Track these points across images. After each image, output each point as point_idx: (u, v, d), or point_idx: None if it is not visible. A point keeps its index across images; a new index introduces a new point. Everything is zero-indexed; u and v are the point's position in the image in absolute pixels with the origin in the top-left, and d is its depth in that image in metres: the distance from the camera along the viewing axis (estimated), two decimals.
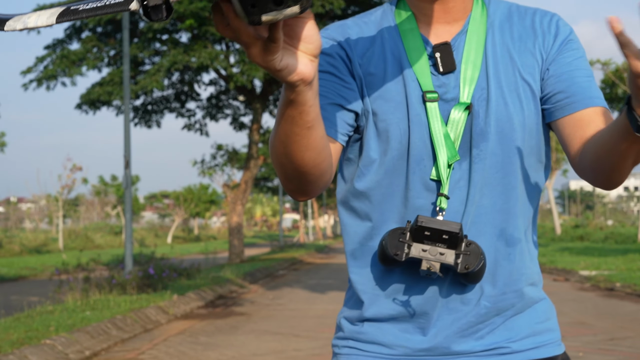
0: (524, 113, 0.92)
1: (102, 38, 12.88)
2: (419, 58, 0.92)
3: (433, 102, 0.90)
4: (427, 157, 0.90)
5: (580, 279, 10.35)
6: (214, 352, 4.87)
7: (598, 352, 4.65)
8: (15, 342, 4.55)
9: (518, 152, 0.91)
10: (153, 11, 0.67)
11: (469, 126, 0.91)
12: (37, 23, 0.71)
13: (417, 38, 0.93)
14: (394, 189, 0.92)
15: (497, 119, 0.91)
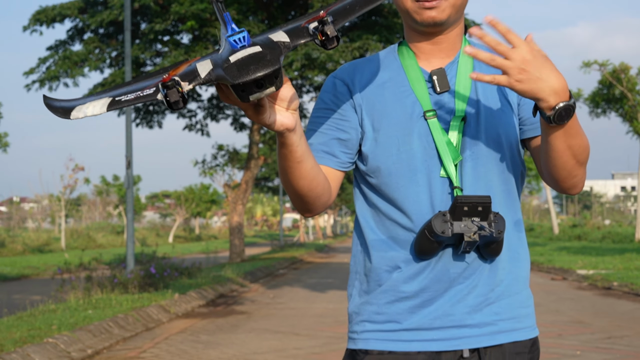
0: (507, 124, 1.16)
1: (104, 39, 12.92)
2: (419, 84, 1.16)
3: (432, 118, 1.14)
4: (430, 161, 1.14)
5: (578, 278, 10.36)
6: (214, 350, 4.89)
7: (595, 350, 4.67)
8: (18, 340, 4.57)
9: (502, 153, 1.16)
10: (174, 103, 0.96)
11: (464, 133, 1.15)
12: (94, 112, 0.97)
13: (416, 68, 1.17)
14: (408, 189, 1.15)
15: (486, 128, 1.15)
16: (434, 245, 1.11)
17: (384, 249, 1.16)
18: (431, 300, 1.14)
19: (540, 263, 13.23)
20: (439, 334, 1.14)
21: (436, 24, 1.14)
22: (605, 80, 17.02)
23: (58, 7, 12.52)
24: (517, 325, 1.18)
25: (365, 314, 1.18)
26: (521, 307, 1.20)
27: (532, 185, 31.35)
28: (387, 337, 1.16)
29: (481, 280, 1.15)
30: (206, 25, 11.60)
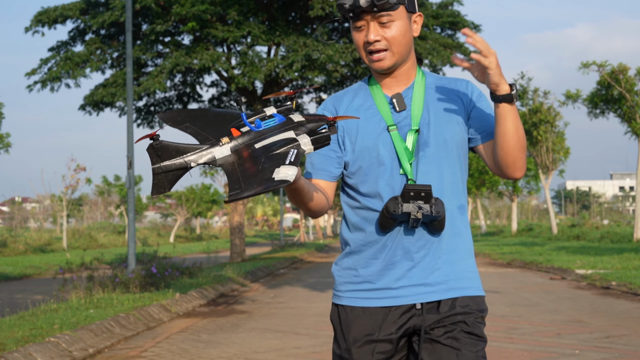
0: (452, 131, 1.56)
1: (106, 40, 12.94)
2: (383, 106, 1.57)
3: (394, 130, 1.55)
4: (394, 161, 1.55)
5: (576, 277, 10.35)
6: (215, 349, 4.89)
7: (594, 349, 4.67)
8: (20, 339, 4.58)
9: (448, 154, 1.55)
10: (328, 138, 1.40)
11: (418, 140, 1.55)
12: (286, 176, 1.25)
13: (381, 95, 1.59)
14: (378, 182, 1.55)
15: (434, 135, 1.55)
16: (389, 221, 1.50)
17: (359, 228, 1.57)
18: (392, 264, 1.53)
19: (539, 263, 13.22)
20: (401, 292, 1.52)
21: (385, 70, 1.56)
22: (604, 81, 17.02)
23: (60, 8, 12.55)
24: (463, 285, 1.54)
25: (347, 277, 1.58)
26: (466, 271, 1.57)
27: (531, 186, 31.33)
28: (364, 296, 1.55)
29: (430, 250, 1.53)
30: (207, 26, 11.62)
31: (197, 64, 11.40)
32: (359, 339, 1.53)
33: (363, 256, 1.56)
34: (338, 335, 1.58)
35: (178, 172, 1.27)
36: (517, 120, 1.46)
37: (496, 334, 5.29)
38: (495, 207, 57.83)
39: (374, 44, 1.51)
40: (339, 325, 1.58)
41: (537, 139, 23.25)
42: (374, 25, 1.51)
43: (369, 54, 1.53)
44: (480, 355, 1.50)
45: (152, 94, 13.58)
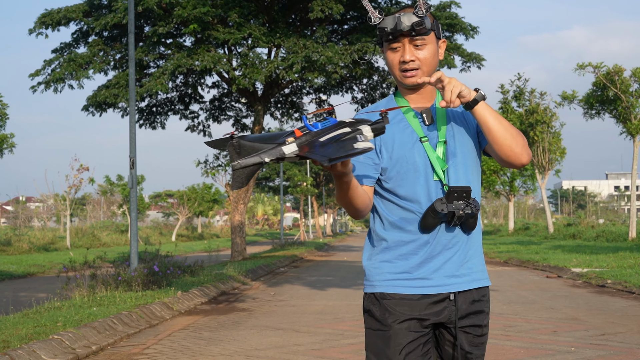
0: (471, 142, 1.80)
1: (108, 42, 13.00)
2: (413, 120, 1.78)
3: (426, 142, 1.76)
4: (427, 168, 1.75)
5: (572, 276, 10.39)
6: (216, 346, 4.92)
7: (590, 347, 4.71)
8: (24, 337, 4.60)
9: (471, 161, 1.79)
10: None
11: (446, 150, 1.76)
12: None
13: (411, 110, 1.80)
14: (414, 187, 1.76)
15: (460, 146, 1.78)
16: (435, 221, 1.70)
17: (398, 226, 1.75)
18: (431, 258, 1.73)
19: (535, 261, 13.25)
20: (437, 282, 1.73)
21: (415, 85, 1.76)
22: (599, 82, 17.06)
23: (63, 11, 12.62)
24: (482, 276, 1.79)
25: (385, 268, 1.75)
26: (482, 264, 1.80)
27: (528, 185, 31.34)
28: (403, 284, 1.73)
29: (461, 247, 1.75)
30: (208, 28, 11.67)
31: (198, 65, 11.47)
32: (401, 316, 1.71)
33: (402, 250, 1.74)
34: (376, 315, 1.74)
35: (254, 168, 1.44)
36: (495, 115, 1.67)
37: (493, 332, 5.34)
38: (493, 206, 57.74)
39: (409, 64, 1.72)
40: (377, 308, 1.74)
41: (534, 140, 23.27)
42: (409, 47, 1.73)
43: (402, 72, 1.74)
44: (484, 351, 1.80)
45: (154, 95, 13.65)
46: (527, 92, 23.92)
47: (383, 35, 1.72)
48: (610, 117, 17.42)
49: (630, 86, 16.79)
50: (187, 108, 15.36)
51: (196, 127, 15.75)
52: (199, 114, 15.75)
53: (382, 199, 1.78)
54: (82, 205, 39.29)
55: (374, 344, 1.74)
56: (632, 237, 17.67)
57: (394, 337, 1.70)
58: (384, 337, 1.72)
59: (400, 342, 1.70)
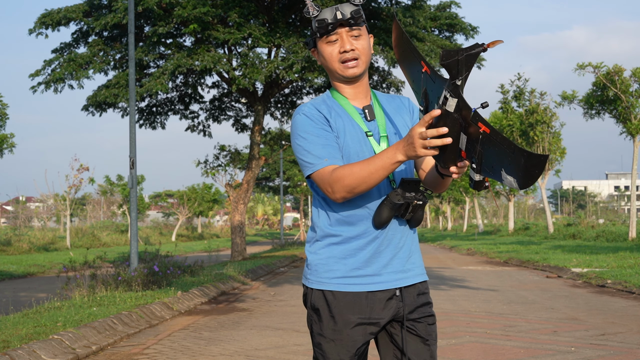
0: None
1: (108, 42, 13.01)
2: (355, 114, 1.79)
3: (370, 136, 1.77)
4: None
5: (572, 276, 10.41)
6: (216, 346, 4.92)
7: (590, 347, 4.71)
8: (24, 337, 4.60)
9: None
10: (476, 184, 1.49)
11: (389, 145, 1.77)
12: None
13: (351, 106, 1.81)
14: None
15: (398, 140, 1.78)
16: (390, 213, 1.70)
17: (347, 222, 1.73)
18: (379, 254, 1.74)
19: (535, 261, 13.27)
20: (386, 277, 1.74)
21: (356, 76, 1.77)
22: (599, 82, 17.07)
23: (63, 11, 12.63)
24: (422, 271, 1.83)
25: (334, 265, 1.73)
26: (421, 259, 1.85)
27: None
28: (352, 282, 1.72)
29: (406, 242, 1.78)
30: (208, 28, 11.68)
31: (198, 65, 11.47)
32: (352, 321, 1.70)
33: (350, 247, 1.73)
34: (325, 318, 1.72)
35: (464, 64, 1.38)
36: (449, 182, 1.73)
37: (493, 332, 5.35)
38: (492, 206, 57.78)
39: (350, 53, 1.73)
40: (326, 309, 1.72)
41: (534, 140, 23.29)
42: (347, 37, 1.74)
43: (343, 63, 1.74)
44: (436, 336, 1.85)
45: (154, 95, 13.66)
46: (527, 92, 23.93)
47: (322, 27, 1.71)
48: (610, 117, 17.44)
49: (630, 86, 16.80)
50: (187, 108, 15.37)
51: (196, 127, 15.76)
52: (199, 114, 15.76)
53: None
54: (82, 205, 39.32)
55: (321, 347, 1.73)
56: (632, 237, 17.68)
57: (344, 342, 1.70)
58: (335, 342, 1.71)
59: (350, 349, 1.70)
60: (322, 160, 1.69)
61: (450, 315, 6.29)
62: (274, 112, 16.33)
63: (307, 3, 1.72)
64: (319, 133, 1.72)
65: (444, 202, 48.11)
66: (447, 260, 16.33)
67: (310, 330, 1.77)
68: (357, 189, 1.64)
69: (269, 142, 17.51)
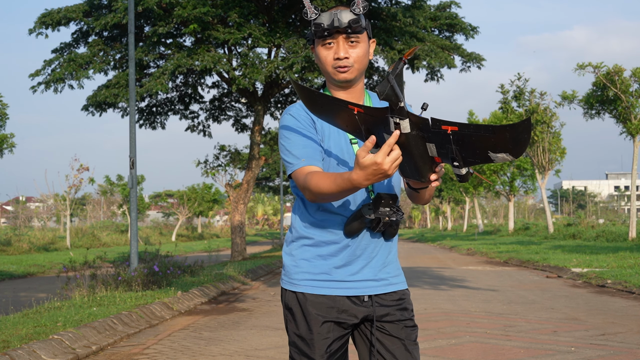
0: None
1: (108, 42, 13.02)
2: None
3: (355, 144, 1.75)
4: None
5: (572, 276, 10.41)
6: (216, 346, 4.92)
7: (590, 347, 4.71)
8: (24, 337, 4.60)
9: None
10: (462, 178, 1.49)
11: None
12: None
13: None
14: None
15: None
16: (361, 226, 1.70)
17: (322, 226, 1.74)
18: (350, 262, 1.75)
19: (535, 261, 13.27)
20: (355, 284, 1.75)
21: (347, 82, 1.75)
22: (599, 82, 17.08)
23: (63, 11, 12.64)
24: (399, 280, 1.83)
25: (305, 267, 1.76)
26: (399, 269, 1.85)
27: (528, 185, 31.38)
28: (321, 285, 1.75)
29: (380, 252, 1.78)
30: (208, 28, 11.68)
31: (198, 65, 11.48)
32: (320, 320, 1.75)
33: (322, 251, 1.75)
34: (297, 317, 1.78)
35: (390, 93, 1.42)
36: (431, 191, 1.72)
37: (493, 332, 5.35)
38: (492, 206, 57.80)
39: (343, 60, 1.72)
40: (298, 309, 1.77)
41: (534, 140, 23.29)
42: (343, 44, 1.72)
43: (335, 68, 1.74)
44: (416, 338, 1.85)
45: (154, 95, 13.68)
46: (527, 92, 23.94)
47: (318, 31, 1.70)
48: (610, 117, 17.44)
49: (630, 86, 16.81)
50: (187, 108, 15.38)
51: (196, 127, 15.77)
52: (199, 114, 15.78)
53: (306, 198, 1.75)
54: (82, 205, 39.33)
55: (297, 345, 1.78)
56: (632, 237, 17.69)
57: (315, 340, 1.74)
58: (304, 340, 1.75)
59: (320, 346, 1.74)
60: (299, 160, 1.69)
61: (450, 315, 6.29)
62: (274, 112, 16.34)
63: (306, 5, 1.69)
64: (302, 134, 1.73)
65: (444, 202, 48.13)
66: (447, 260, 16.34)
67: (286, 329, 1.82)
68: (326, 199, 1.63)
69: (269, 142, 17.51)
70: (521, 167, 29.63)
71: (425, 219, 59.37)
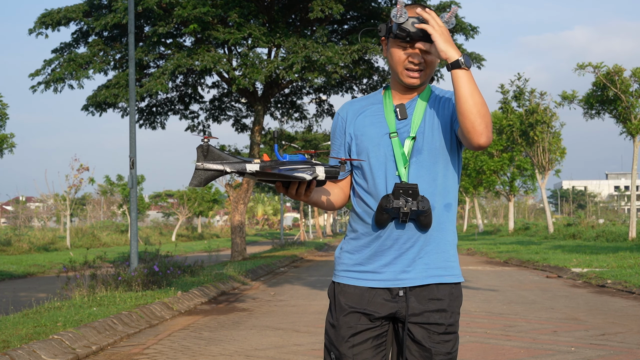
0: (442, 139, 1.78)
1: (108, 42, 13.02)
2: (390, 113, 1.82)
3: (395, 137, 1.78)
4: (391, 164, 1.77)
5: (572, 276, 10.42)
6: (216, 346, 4.93)
7: (590, 347, 4.72)
8: (24, 337, 4.61)
9: (438, 159, 1.78)
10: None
11: (413, 147, 1.79)
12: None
13: (391, 103, 1.83)
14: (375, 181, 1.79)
15: (428, 143, 1.79)
16: (384, 216, 1.73)
17: (362, 219, 1.80)
18: (381, 252, 1.77)
19: (535, 261, 13.26)
20: (387, 276, 1.76)
21: (417, 86, 1.80)
22: (599, 82, 17.08)
23: (63, 11, 12.65)
24: (444, 273, 1.77)
25: (345, 259, 1.82)
26: (446, 260, 1.78)
27: (528, 185, 31.38)
28: (354, 276, 1.79)
29: (415, 243, 1.75)
30: (208, 28, 11.69)
31: (198, 65, 11.48)
32: (346, 309, 1.77)
33: (360, 242, 1.80)
34: (331, 307, 1.83)
35: (215, 174, 1.62)
36: (471, 86, 1.64)
37: (493, 332, 5.36)
38: (493, 206, 57.79)
39: (417, 66, 1.76)
40: (333, 298, 1.82)
41: (534, 139, 23.30)
42: (420, 51, 1.75)
43: (407, 70, 1.77)
44: (452, 349, 1.76)
45: (154, 95, 13.66)
46: (527, 92, 23.94)
47: (400, 35, 1.72)
48: (610, 117, 17.44)
49: (630, 86, 16.80)
50: (187, 108, 15.39)
51: (196, 127, 15.78)
52: (199, 114, 15.78)
53: (354, 192, 1.85)
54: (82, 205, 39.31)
55: (328, 333, 1.82)
56: (632, 237, 17.69)
57: (340, 328, 1.77)
58: (334, 328, 1.79)
59: (344, 334, 1.76)
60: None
61: None
62: (274, 112, 16.34)
63: (398, 7, 1.69)
64: (334, 142, 1.89)
65: None
66: None
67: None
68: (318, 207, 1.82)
69: (269, 142, 17.52)
70: (521, 167, 29.63)
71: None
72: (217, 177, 1.63)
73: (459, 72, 1.64)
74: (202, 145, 1.62)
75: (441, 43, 1.65)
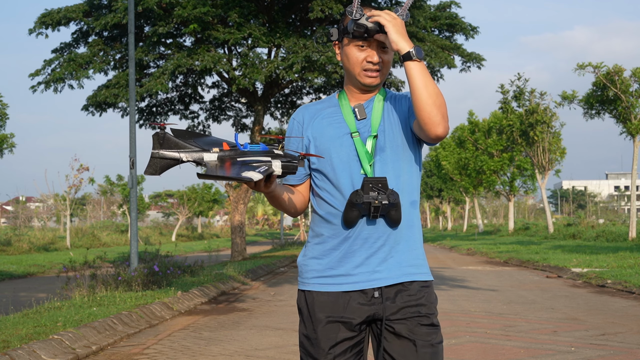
0: (402, 137, 1.77)
1: (108, 42, 13.02)
2: (349, 114, 1.80)
3: (356, 137, 1.76)
4: (354, 162, 1.75)
5: (572, 276, 10.43)
6: (216, 346, 4.94)
7: (590, 346, 4.72)
8: (24, 337, 4.61)
9: (401, 156, 1.76)
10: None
11: (376, 145, 1.77)
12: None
13: (348, 105, 1.82)
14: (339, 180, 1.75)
15: (390, 141, 1.78)
16: (354, 213, 1.68)
17: (327, 221, 1.75)
18: (351, 253, 1.72)
19: (535, 261, 13.27)
20: (359, 277, 1.71)
21: (374, 87, 1.80)
22: (599, 82, 17.09)
23: (63, 11, 12.65)
24: (415, 271, 1.75)
25: (312, 265, 1.77)
26: (417, 258, 1.76)
27: (528, 185, 31.38)
28: (327, 282, 1.74)
29: (387, 240, 1.73)
30: (208, 28, 11.69)
31: (198, 65, 11.48)
32: (323, 320, 1.72)
33: (327, 246, 1.74)
34: (305, 317, 1.77)
35: (170, 162, 1.58)
36: (424, 77, 1.63)
37: (493, 332, 5.36)
38: (492, 206, 57.81)
39: (376, 65, 1.75)
40: (305, 309, 1.76)
41: (534, 139, 23.31)
42: (378, 48, 1.74)
43: (365, 71, 1.75)
44: (436, 341, 1.71)
45: (154, 95, 13.67)
46: (527, 92, 23.95)
47: (357, 32, 1.70)
48: (610, 117, 17.45)
49: (630, 86, 16.81)
50: (187, 108, 15.39)
51: (196, 127, 15.77)
52: (199, 114, 15.78)
53: (314, 194, 1.80)
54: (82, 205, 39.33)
55: (303, 345, 1.76)
56: (632, 237, 17.69)
57: (320, 341, 1.71)
58: (309, 340, 1.73)
59: (324, 346, 1.71)
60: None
61: (450, 315, 6.30)
62: (274, 112, 16.34)
63: (354, 3, 1.67)
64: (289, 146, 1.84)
65: (444, 202, 48.15)
66: (447, 260, 16.34)
67: (298, 333, 1.81)
68: (280, 209, 1.81)
69: (269, 142, 17.49)
70: (521, 167, 29.63)
71: (425, 219, 59.36)
72: (173, 166, 1.60)
73: (411, 64, 1.63)
74: (159, 133, 1.57)
75: (393, 34, 1.64)
